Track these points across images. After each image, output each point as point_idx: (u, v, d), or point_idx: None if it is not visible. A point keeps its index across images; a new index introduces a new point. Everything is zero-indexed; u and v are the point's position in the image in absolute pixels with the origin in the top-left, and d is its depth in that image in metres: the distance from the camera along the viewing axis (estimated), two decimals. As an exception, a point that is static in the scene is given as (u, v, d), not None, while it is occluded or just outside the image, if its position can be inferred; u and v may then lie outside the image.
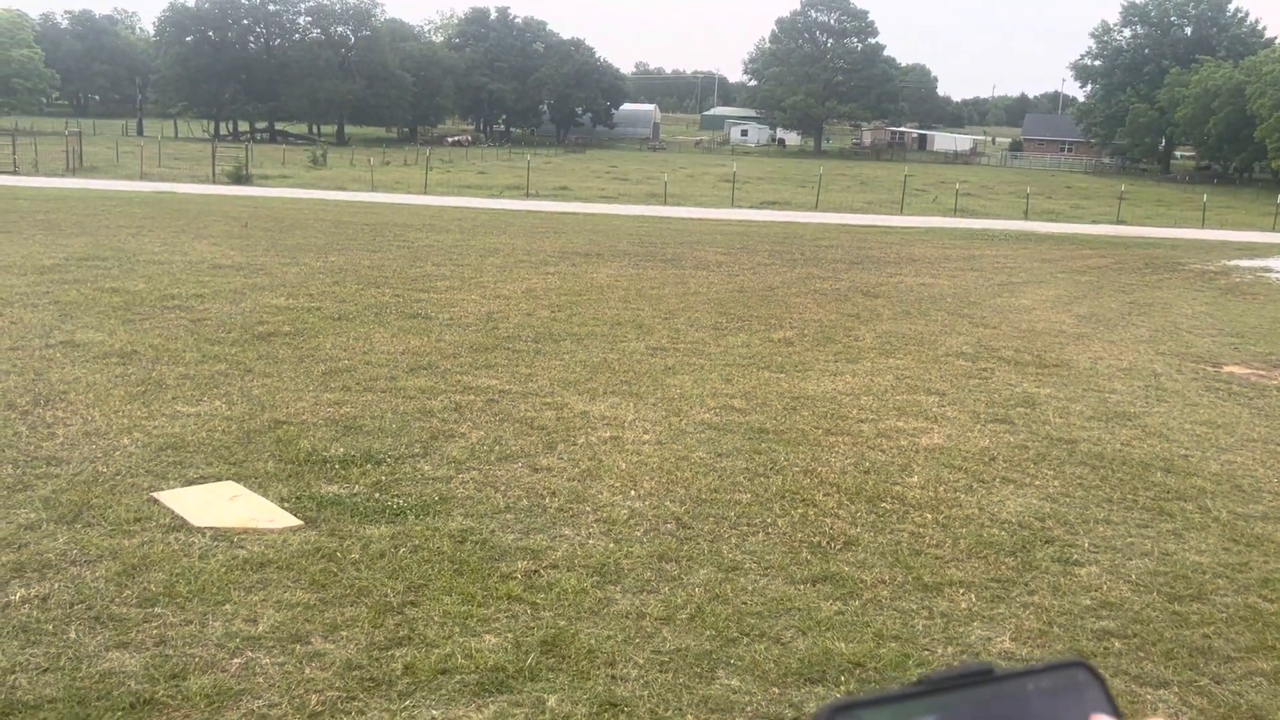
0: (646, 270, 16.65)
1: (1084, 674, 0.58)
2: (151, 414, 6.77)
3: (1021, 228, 34.25)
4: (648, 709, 3.51)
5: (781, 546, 5.02)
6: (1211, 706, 3.74)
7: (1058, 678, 0.58)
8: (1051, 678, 0.58)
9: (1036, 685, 0.57)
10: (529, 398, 7.66)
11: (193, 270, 13.83)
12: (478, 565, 4.61)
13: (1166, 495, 6.11)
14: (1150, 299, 16.15)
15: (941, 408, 8.01)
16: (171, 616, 4.00)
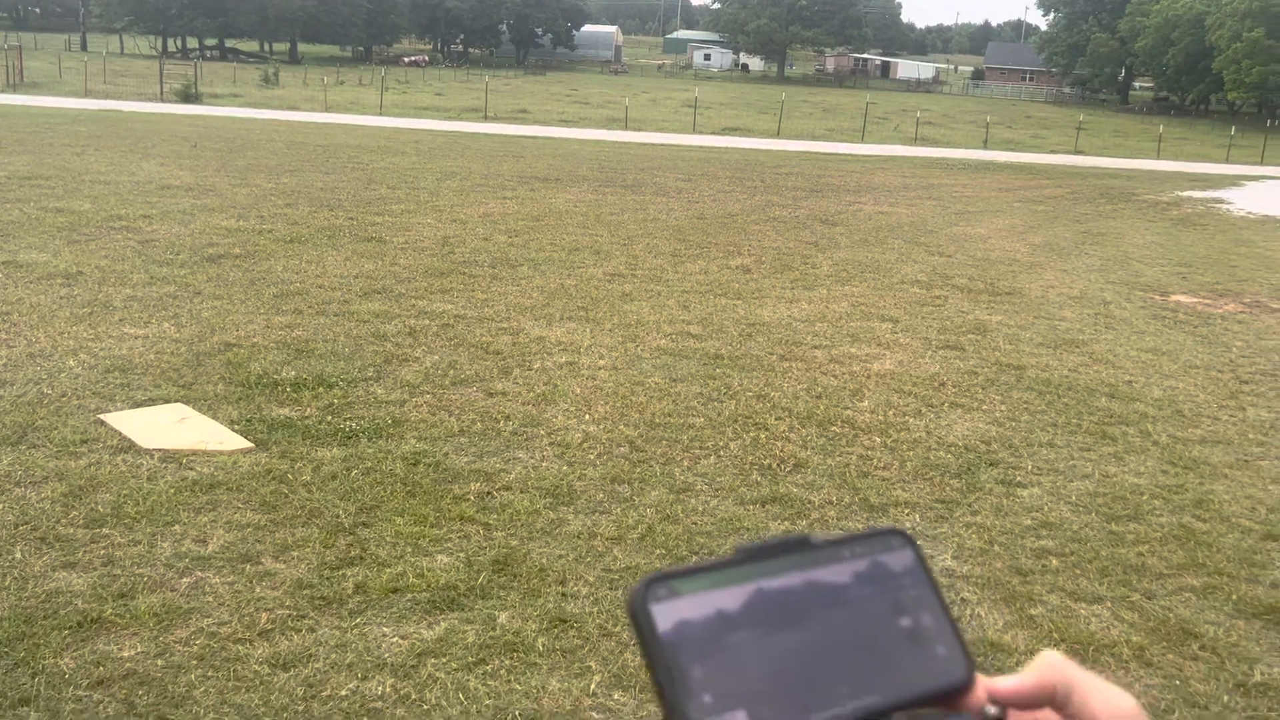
0: (606, 196, 16.51)
1: (898, 540, 0.60)
2: (98, 335, 6.65)
3: (981, 157, 34.31)
4: (597, 624, 3.57)
5: (732, 469, 5.08)
6: (1141, 620, 3.87)
7: (873, 544, 0.59)
8: (867, 544, 0.59)
9: (852, 551, 0.58)
10: (485, 323, 7.63)
11: (140, 191, 13.49)
12: (430, 487, 4.63)
13: (1109, 420, 6.24)
14: (1103, 229, 16.32)
15: (894, 335, 8.09)
16: (119, 537, 3.98)
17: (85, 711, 2.95)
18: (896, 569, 0.58)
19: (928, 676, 0.55)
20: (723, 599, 0.53)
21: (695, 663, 0.51)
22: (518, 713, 3.08)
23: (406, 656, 3.32)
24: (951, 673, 0.56)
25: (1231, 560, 4.40)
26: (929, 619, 0.57)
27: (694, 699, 0.50)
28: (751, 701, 0.51)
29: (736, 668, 0.51)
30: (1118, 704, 0.52)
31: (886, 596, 0.57)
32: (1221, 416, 6.47)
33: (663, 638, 0.51)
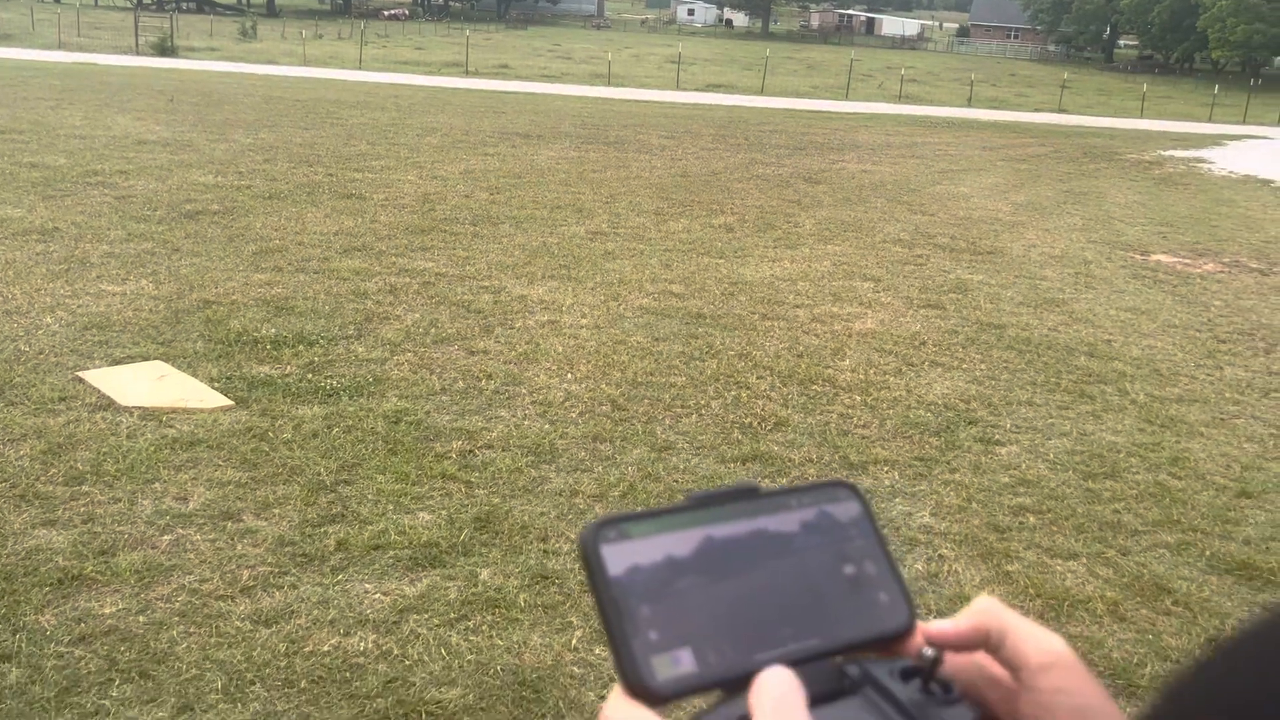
0: (588, 153, 16.38)
1: (845, 492, 0.61)
2: (75, 292, 6.58)
3: (965, 115, 34.21)
4: (578, 581, 3.59)
5: (714, 427, 5.10)
6: (1116, 576, 3.93)
7: (820, 495, 0.61)
8: (814, 495, 0.60)
9: (799, 501, 0.60)
10: (466, 281, 7.59)
11: (116, 145, 13.30)
12: (412, 445, 4.62)
13: (1088, 378, 6.29)
14: (1086, 188, 16.34)
15: (876, 293, 8.10)
16: (99, 494, 3.97)
17: (67, 668, 2.96)
18: (842, 519, 0.60)
19: (869, 622, 0.57)
20: (671, 543, 0.54)
21: (643, 603, 0.52)
22: (499, 667, 3.10)
23: (388, 613, 3.34)
24: (893, 619, 0.58)
25: (1206, 517, 4.47)
26: (872, 567, 0.59)
27: (640, 636, 0.51)
28: (696, 640, 0.52)
29: (683, 608, 0.53)
30: (1049, 647, 0.53)
31: (831, 545, 0.59)
32: (1199, 375, 6.53)
33: (611, 578, 0.52)
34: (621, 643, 0.51)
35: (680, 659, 0.52)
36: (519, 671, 3.09)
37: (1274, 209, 15.52)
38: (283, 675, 2.99)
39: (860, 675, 0.55)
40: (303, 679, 2.99)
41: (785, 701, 0.48)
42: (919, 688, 0.54)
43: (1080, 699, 0.53)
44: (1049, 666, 0.53)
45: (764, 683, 0.49)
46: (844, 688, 0.55)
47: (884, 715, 0.53)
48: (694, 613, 0.53)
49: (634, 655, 0.51)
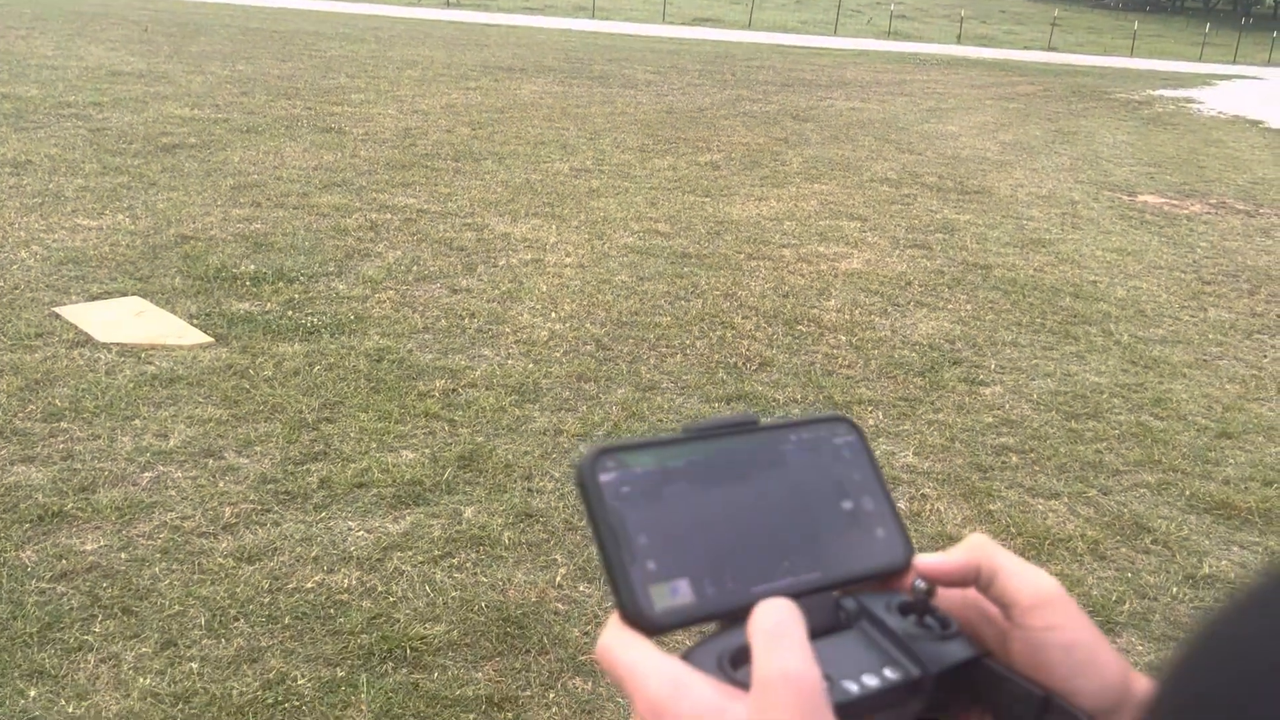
0: (572, 88, 16.13)
1: (844, 426, 0.62)
2: (50, 227, 6.46)
3: (954, 53, 33.86)
4: (562, 519, 3.59)
5: (699, 367, 5.08)
6: (1097, 515, 3.96)
7: (818, 429, 0.61)
8: (812, 429, 0.61)
9: (797, 435, 0.60)
10: (448, 218, 7.49)
11: (90, 76, 13.00)
12: (394, 384, 4.59)
13: (1073, 319, 6.29)
14: (1074, 128, 16.23)
15: (862, 233, 8.05)
16: (78, 431, 3.93)
17: (49, 604, 2.94)
18: (841, 453, 0.60)
19: (867, 557, 0.58)
20: (670, 473, 0.54)
21: (640, 532, 0.52)
22: (484, 604, 3.11)
23: (372, 550, 3.33)
24: (889, 554, 0.58)
25: (1186, 457, 4.50)
26: (870, 502, 0.60)
27: (638, 565, 0.51)
28: (694, 571, 0.52)
29: (681, 539, 0.53)
30: (1039, 585, 0.53)
31: (829, 479, 0.59)
32: (1183, 317, 6.54)
33: (609, 506, 0.52)
34: (619, 572, 0.51)
35: (678, 589, 0.52)
36: (503, 608, 3.10)
37: (1262, 150, 15.48)
38: (266, 611, 2.99)
39: (857, 609, 0.56)
40: (286, 615, 2.98)
41: (784, 629, 0.47)
42: (915, 622, 0.55)
43: (1071, 635, 0.53)
44: (1040, 604, 0.53)
45: (763, 611, 0.48)
46: (841, 621, 0.55)
47: (880, 648, 0.53)
48: (692, 544, 0.53)
49: (632, 585, 0.51)
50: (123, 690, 2.64)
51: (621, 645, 0.50)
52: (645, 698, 0.48)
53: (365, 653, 2.86)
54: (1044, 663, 0.53)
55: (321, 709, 2.63)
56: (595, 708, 2.74)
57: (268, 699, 2.65)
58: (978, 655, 0.56)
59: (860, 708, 0.51)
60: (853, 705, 0.50)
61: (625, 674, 0.49)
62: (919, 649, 0.54)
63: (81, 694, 2.62)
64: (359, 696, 2.68)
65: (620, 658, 0.50)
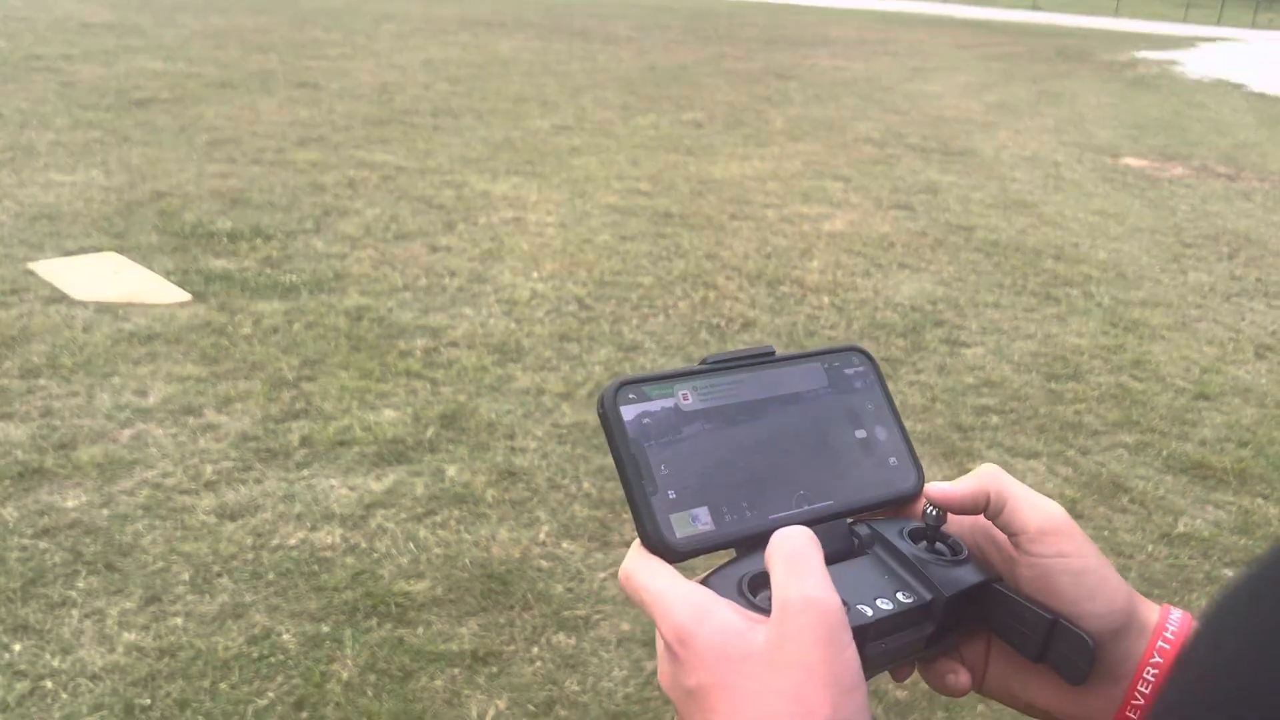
0: (553, 43, 15.94)
1: (858, 357, 0.64)
2: (22, 182, 6.35)
3: (939, 11, 33.62)
4: (545, 478, 3.60)
5: (681, 327, 5.07)
6: (1075, 475, 4.00)
7: (833, 359, 0.63)
8: (828, 359, 0.62)
9: (814, 365, 0.62)
10: (427, 175, 7.41)
11: (59, 28, 12.73)
12: (375, 342, 4.56)
13: (1055, 281, 6.31)
14: (1059, 89, 16.20)
15: (846, 194, 8.03)
16: (56, 388, 3.89)
17: (31, 560, 2.92)
18: (855, 384, 0.62)
19: (880, 485, 0.60)
20: (689, 404, 0.56)
21: (661, 461, 0.53)
22: (467, 560, 3.11)
23: (355, 508, 3.32)
24: (902, 482, 0.60)
25: (1164, 419, 4.54)
26: (883, 432, 0.61)
27: (659, 493, 0.53)
28: (713, 498, 0.54)
29: (700, 467, 0.55)
30: (1048, 513, 0.55)
31: (844, 409, 0.61)
32: (1163, 279, 6.58)
33: (631, 437, 0.53)
34: (641, 500, 0.52)
35: (698, 517, 0.54)
36: (486, 565, 3.10)
37: (1244, 114, 15.51)
38: (250, 568, 2.99)
39: (870, 535, 0.58)
40: (270, 571, 2.98)
41: (801, 554, 0.48)
42: (926, 547, 0.57)
43: (1078, 561, 0.54)
44: (1047, 532, 0.54)
45: (781, 538, 0.50)
46: (855, 548, 0.57)
47: (893, 573, 0.56)
48: (711, 473, 0.55)
49: (654, 513, 0.52)
50: (107, 645, 2.64)
51: (645, 572, 0.51)
52: (670, 622, 0.49)
53: (350, 609, 2.86)
54: (1052, 588, 0.54)
55: (307, 663, 2.63)
56: (579, 662, 2.75)
57: (253, 653, 2.65)
58: (988, 580, 0.57)
59: (875, 631, 0.53)
60: (868, 628, 0.52)
61: (650, 599, 0.51)
62: (930, 573, 0.55)
63: (66, 648, 2.61)
64: (343, 651, 2.69)
65: (644, 584, 0.51)
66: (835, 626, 0.46)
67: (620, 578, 0.53)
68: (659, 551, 0.52)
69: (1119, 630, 0.54)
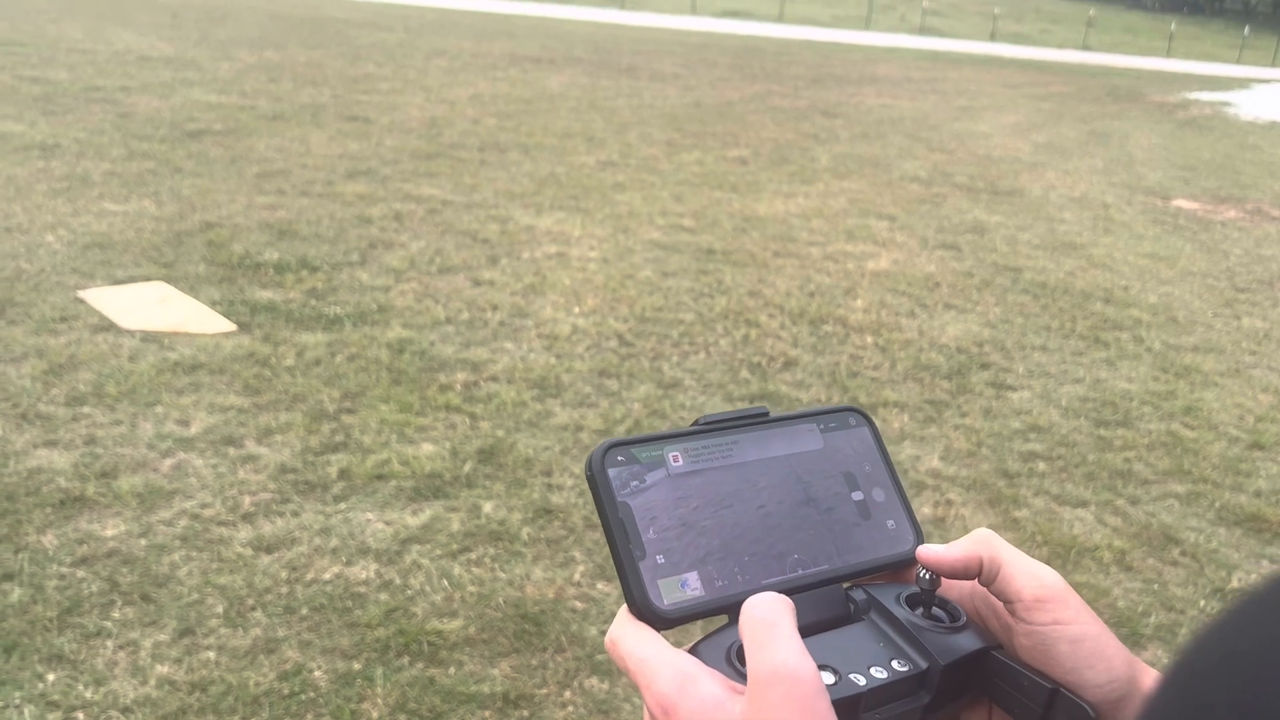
0: (600, 80, 16.09)
1: (856, 417, 0.62)
2: (77, 211, 6.49)
3: (987, 51, 33.55)
4: (581, 516, 3.56)
5: (722, 365, 5.03)
6: (1125, 525, 3.89)
7: (830, 420, 0.61)
8: (824, 420, 0.61)
9: (809, 426, 0.60)
10: (472, 209, 7.47)
11: (118, 61, 13.07)
12: (416, 375, 4.57)
13: (1104, 325, 6.20)
14: (1108, 129, 16.04)
15: (891, 233, 7.97)
16: (100, 416, 3.93)
17: (69, 588, 2.94)
18: (852, 444, 0.61)
19: (876, 549, 0.58)
20: (679, 466, 0.55)
21: (650, 525, 0.52)
22: (501, 600, 3.08)
23: (390, 542, 3.31)
24: (899, 546, 0.59)
25: (1217, 468, 4.41)
26: (880, 494, 0.60)
27: (648, 559, 0.51)
28: (704, 564, 0.53)
29: (690, 532, 0.53)
30: (1042, 580, 0.53)
31: (841, 470, 0.59)
32: (1216, 324, 6.43)
33: (619, 501, 0.52)
34: (628, 566, 0.51)
35: (688, 583, 0.52)
36: (520, 604, 3.07)
37: (1297, 155, 15.23)
38: (284, 602, 2.98)
39: (866, 601, 0.56)
40: (304, 606, 2.97)
41: (770, 623, 0.47)
42: (923, 614, 0.55)
43: (1076, 629, 0.53)
44: (1043, 600, 0.53)
45: (750, 606, 0.49)
46: (850, 613, 0.56)
47: (889, 640, 0.54)
48: (702, 536, 0.53)
49: (641, 579, 0.51)
50: (140, 677, 2.63)
51: (631, 639, 0.51)
52: (653, 692, 0.49)
53: (382, 646, 2.84)
54: (1050, 656, 0.53)
55: (337, 701, 2.61)
56: (611, 708, 2.70)
57: (283, 690, 2.63)
58: (986, 647, 0.55)
59: (869, 700, 0.51)
60: (861, 698, 0.50)
61: (635, 668, 0.50)
62: (927, 641, 0.53)
63: (99, 680, 2.61)
64: (374, 690, 2.66)
65: (630, 651, 0.50)
66: (810, 695, 0.44)
67: (607, 644, 0.52)
68: (646, 618, 0.51)
69: (1120, 699, 0.53)
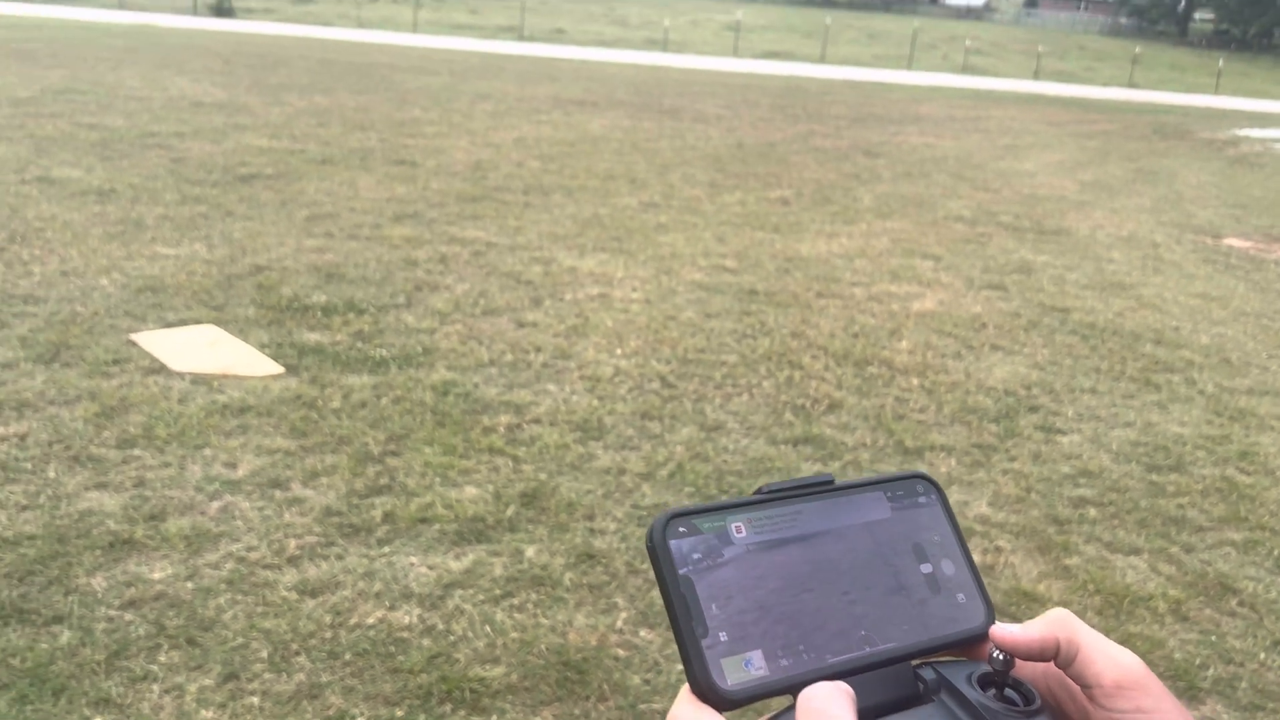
0: (642, 122, 16.23)
1: (923, 485, 0.60)
2: (130, 254, 6.64)
3: (1031, 89, 33.41)
4: (624, 561, 3.54)
5: (765, 408, 5.01)
6: (1179, 574, 3.79)
7: (897, 488, 0.59)
8: (891, 488, 0.59)
9: (876, 495, 0.58)
10: (516, 251, 7.53)
11: (173, 107, 13.42)
12: (460, 418, 4.59)
13: (1155, 367, 6.09)
14: (1156, 167, 15.86)
15: (936, 273, 7.91)
16: (150, 459, 3.99)
17: (117, 631, 2.97)
18: (920, 514, 0.59)
19: (947, 624, 0.56)
20: (742, 537, 0.53)
21: (712, 601, 0.50)
22: (544, 647, 3.06)
23: (433, 587, 3.31)
24: (970, 621, 0.56)
25: (1275, 515, 4.30)
26: (950, 566, 0.58)
27: (710, 636, 0.50)
28: (768, 640, 0.51)
29: (754, 607, 0.51)
30: (1122, 666, 0.51)
31: (908, 542, 0.57)
32: (1271, 366, 6.29)
33: (681, 575, 0.51)
34: (691, 644, 0.49)
35: (751, 661, 0.50)
36: (563, 652, 3.05)
37: (1352, 192, 14.94)
38: (328, 647, 2.98)
39: (935, 680, 0.54)
40: (347, 651, 2.97)
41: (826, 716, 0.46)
42: (996, 695, 0.52)
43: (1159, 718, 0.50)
44: (1124, 686, 0.51)
45: (805, 698, 0.47)
46: (920, 693, 0.53)
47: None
48: (766, 612, 0.51)
49: (704, 657, 0.49)
50: (183, 723, 2.64)
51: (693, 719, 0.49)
52: None
53: (424, 693, 2.83)
54: None
55: (378, 751, 2.60)
56: (654, 761, 2.67)
57: (325, 738, 2.63)
58: None
59: None
60: None
61: None
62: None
63: (143, 725, 2.62)
64: (416, 739, 2.65)
65: None
66: None
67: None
68: (709, 699, 0.49)
69: None
